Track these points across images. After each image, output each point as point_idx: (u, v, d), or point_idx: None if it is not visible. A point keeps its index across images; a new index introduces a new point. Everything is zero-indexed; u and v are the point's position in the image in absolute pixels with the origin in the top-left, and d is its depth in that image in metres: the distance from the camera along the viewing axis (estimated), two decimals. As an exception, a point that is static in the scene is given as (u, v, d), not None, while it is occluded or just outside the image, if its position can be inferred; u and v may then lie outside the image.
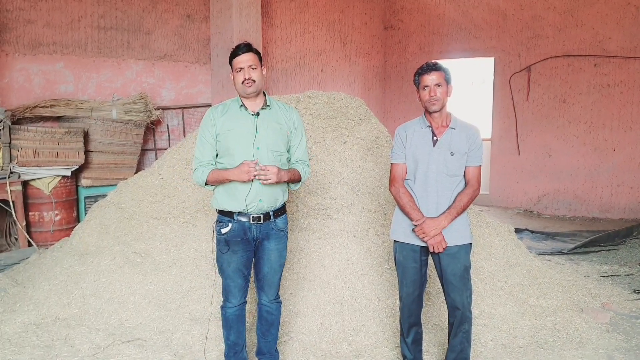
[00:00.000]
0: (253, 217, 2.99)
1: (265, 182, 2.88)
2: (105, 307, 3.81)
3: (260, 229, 3.03)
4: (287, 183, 3.11)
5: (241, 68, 2.96)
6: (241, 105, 3.03)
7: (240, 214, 2.99)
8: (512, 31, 8.88)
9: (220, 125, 3.00)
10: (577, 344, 3.76)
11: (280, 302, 3.23)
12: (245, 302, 3.17)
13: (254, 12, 7.36)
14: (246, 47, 2.98)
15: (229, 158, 2.99)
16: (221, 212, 3.06)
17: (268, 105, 3.05)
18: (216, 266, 3.15)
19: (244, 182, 2.90)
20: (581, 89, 8.35)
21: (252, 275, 3.21)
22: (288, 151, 3.12)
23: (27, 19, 6.17)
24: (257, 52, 3.02)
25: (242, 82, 2.96)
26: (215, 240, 3.12)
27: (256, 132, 2.98)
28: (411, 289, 3.17)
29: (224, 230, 3.02)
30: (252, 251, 3.09)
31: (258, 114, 3.01)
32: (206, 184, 3.02)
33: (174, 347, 3.50)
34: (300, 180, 3.13)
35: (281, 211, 3.12)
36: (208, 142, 3.03)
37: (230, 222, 3.01)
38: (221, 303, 3.16)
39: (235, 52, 2.99)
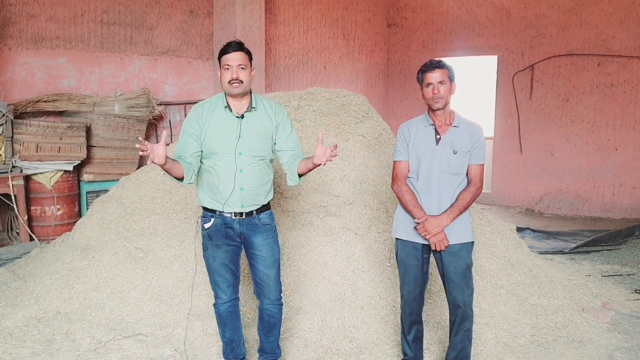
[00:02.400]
0: (235, 212, 2.97)
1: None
2: (107, 302, 3.82)
3: (244, 224, 3.00)
4: (271, 185, 3.08)
5: (229, 66, 2.88)
6: (226, 107, 2.95)
7: (222, 210, 2.98)
8: (515, 29, 8.86)
9: (205, 125, 2.94)
10: (578, 343, 3.76)
11: (281, 304, 3.17)
12: (237, 299, 3.15)
13: (257, 8, 7.35)
14: (237, 46, 2.90)
15: (211, 161, 2.95)
16: (204, 208, 3.04)
17: (253, 107, 2.97)
18: (203, 263, 3.13)
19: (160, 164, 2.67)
20: (584, 88, 8.33)
21: (245, 274, 3.19)
22: (273, 152, 3.05)
23: (30, 13, 6.17)
24: (248, 52, 2.95)
25: (229, 82, 2.88)
26: (199, 236, 3.09)
27: (239, 136, 2.92)
28: (412, 286, 3.17)
29: (206, 225, 3.00)
30: (237, 246, 3.05)
31: (243, 116, 2.95)
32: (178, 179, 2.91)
33: (175, 343, 3.51)
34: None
35: (264, 207, 3.07)
36: (188, 135, 2.95)
37: (213, 217, 3.00)
38: (205, 299, 3.15)
39: (225, 49, 2.91)
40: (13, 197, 5.62)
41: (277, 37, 8.43)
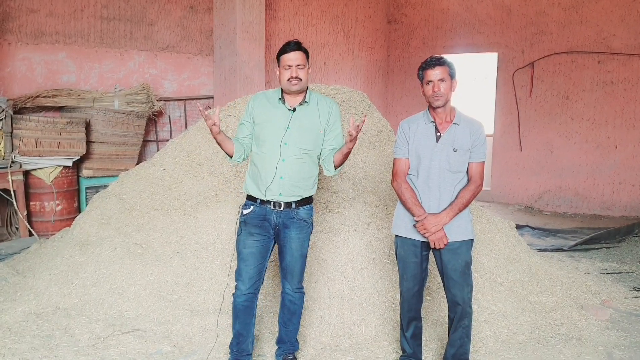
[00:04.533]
0: (274, 203, 3.07)
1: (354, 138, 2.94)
2: (106, 297, 3.82)
3: (281, 216, 3.10)
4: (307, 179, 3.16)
5: (289, 66, 3.01)
6: (279, 98, 3.09)
7: (263, 200, 3.09)
8: (516, 27, 8.84)
9: (258, 114, 3.10)
10: (576, 340, 3.77)
11: (303, 293, 3.29)
12: (255, 295, 3.18)
13: (257, 3, 7.33)
14: (296, 45, 3.03)
15: (259, 148, 3.10)
16: (248, 197, 3.17)
17: (306, 102, 3.10)
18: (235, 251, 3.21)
19: (214, 134, 2.98)
20: (584, 86, 8.32)
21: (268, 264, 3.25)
22: (322, 144, 3.16)
23: (29, 8, 6.15)
24: (305, 51, 3.08)
25: (288, 80, 3.01)
26: (238, 224, 3.20)
27: (288, 127, 3.05)
28: (411, 283, 3.17)
29: (245, 211, 3.13)
30: (270, 238, 3.15)
31: (295, 109, 3.07)
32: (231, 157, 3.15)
33: (174, 338, 3.51)
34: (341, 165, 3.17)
35: (305, 201, 3.16)
36: (243, 122, 3.17)
37: (252, 205, 3.12)
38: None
39: (284, 49, 3.04)
40: (12, 193, 5.62)
41: (277, 33, 8.41)
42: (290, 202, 3.10)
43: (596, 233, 6.65)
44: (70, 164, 6.02)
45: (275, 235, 3.16)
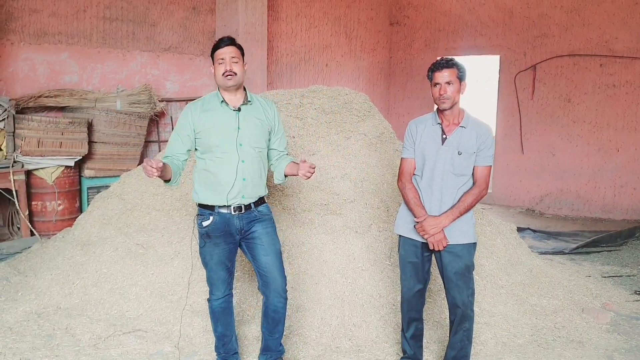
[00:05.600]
0: (234, 207, 3.01)
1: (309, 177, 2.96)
2: (107, 297, 3.82)
3: (243, 218, 3.03)
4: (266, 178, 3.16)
5: (223, 59, 2.96)
6: (222, 101, 3.02)
7: (221, 206, 3.01)
8: (518, 29, 8.85)
9: (201, 123, 2.98)
10: (577, 343, 3.76)
11: (286, 298, 3.16)
12: (231, 294, 3.16)
13: (259, 5, 7.34)
14: (229, 40, 3.00)
15: (211, 155, 2.99)
16: (201, 206, 3.06)
17: (249, 101, 3.06)
18: (199, 258, 3.15)
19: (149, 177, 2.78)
20: (586, 89, 8.32)
21: (245, 270, 3.21)
22: (268, 145, 3.15)
23: (32, 8, 6.16)
24: (240, 47, 3.03)
25: (223, 74, 2.96)
26: (196, 233, 3.11)
27: (238, 127, 2.98)
28: (411, 283, 3.17)
29: (205, 224, 3.02)
30: (234, 243, 3.08)
31: (239, 109, 3.01)
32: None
33: (175, 339, 3.51)
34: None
35: (262, 201, 3.14)
36: (180, 136, 3.02)
37: (211, 214, 3.01)
38: (207, 296, 3.17)
39: (217, 45, 3.00)
40: (14, 192, 5.63)
41: (280, 35, 8.42)
42: (250, 203, 3.05)
43: (597, 236, 6.64)
44: (72, 164, 6.02)
45: (241, 238, 3.08)
